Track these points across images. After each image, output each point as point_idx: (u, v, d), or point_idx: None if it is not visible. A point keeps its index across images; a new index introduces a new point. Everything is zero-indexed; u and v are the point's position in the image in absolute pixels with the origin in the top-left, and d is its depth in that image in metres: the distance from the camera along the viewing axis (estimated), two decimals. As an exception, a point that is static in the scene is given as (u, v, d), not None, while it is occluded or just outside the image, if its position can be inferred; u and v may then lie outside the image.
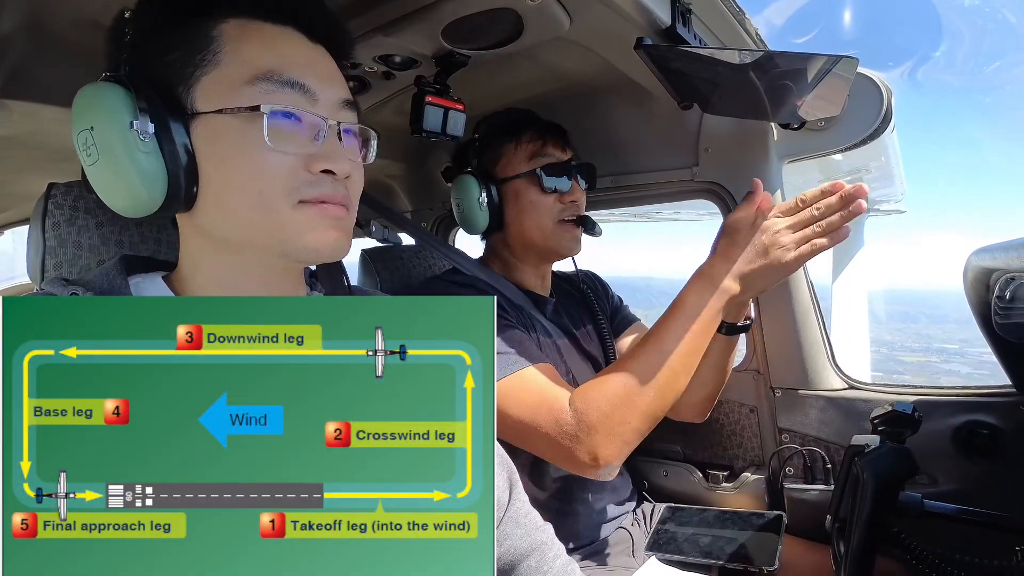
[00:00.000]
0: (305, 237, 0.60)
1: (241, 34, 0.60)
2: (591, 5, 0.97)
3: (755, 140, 1.27)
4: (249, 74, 0.58)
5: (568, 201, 1.22)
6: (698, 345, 0.96)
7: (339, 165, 0.61)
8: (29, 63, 1.02)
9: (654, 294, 40.58)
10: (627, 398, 0.92)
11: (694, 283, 0.97)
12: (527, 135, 1.23)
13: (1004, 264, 0.85)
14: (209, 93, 0.59)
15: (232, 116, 0.58)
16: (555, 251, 1.25)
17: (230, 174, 0.59)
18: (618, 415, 0.92)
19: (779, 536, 1.19)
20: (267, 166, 0.58)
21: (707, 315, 0.95)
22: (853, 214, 0.90)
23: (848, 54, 0.89)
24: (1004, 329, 0.91)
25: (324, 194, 0.61)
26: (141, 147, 0.57)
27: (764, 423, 1.37)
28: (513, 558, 0.73)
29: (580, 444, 0.92)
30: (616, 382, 0.94)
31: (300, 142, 0.60)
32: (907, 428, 0.88)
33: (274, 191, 0.59)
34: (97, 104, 0.57)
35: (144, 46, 0.61)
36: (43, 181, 0.75)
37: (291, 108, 0.59)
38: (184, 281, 0.66)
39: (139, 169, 0.57)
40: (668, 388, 0.94)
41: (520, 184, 1.21)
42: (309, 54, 0.64)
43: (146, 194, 0.58)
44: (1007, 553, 0.80)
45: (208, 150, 0.59)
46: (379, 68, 1.19)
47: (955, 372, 28.97)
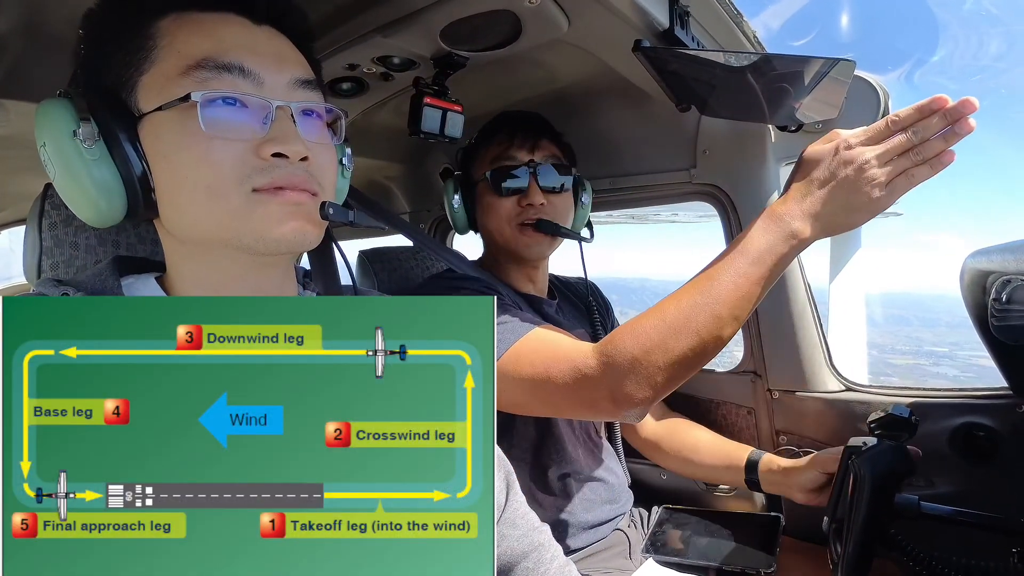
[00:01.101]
0: (262, 227, 0.58)
1: (176, 26, 0.59)
2: (589, 7, 0.98)
3: (753, 142, 1.27)
4: (184, 65, 0.57)
5: (525, 204, 1.19)
6: (752, 293, 0.82)
7: (291, 147, 0.58)
8: (26, 63, 1.02)
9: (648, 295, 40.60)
10: (661, 342, 0.82)
11: (760, 222, 0.83)
12: (498, 137, 1.22)
13: (1001, 266, 0.85)
14: (148, 92, 0.58)
15: (169, 111, 0.56)
16: (517, 255, 1.23)
17: (178, 171, 0.57)
18: (649, 359, 0.82)
19: (776, 538, 1.19)
20: (210, 156, 0.56)
21: (769, 259, 0.81)
22: (958, 136, 0.74)
23: (845, 57, 0.89)
24: (1000, 331, 0.91)
25: (278, 179, 0.58)
26: (88, 155, 0.57)
27: (761, 425, 1.38)
28: (510, 559, 0.73)
29: (601, 387, 0.85)
30: (651, 324, 0.84)
31: (245, 128, 0.57)
32: (904, 432, 0.88)
33: (222, 181, 0.56)
34: (44, 119, 0.57)
35: (91, 54, 0.61)
36: (40, 181, 0.75)
37: (229, 92, 0.57)
38: (172, 282, 0.66)
39: (92, 179, 0.57)
40: (710, 335, 0.82)
41: (481, 187, 1.23)
42: (251, 37, 0.61)
43: (105, 203, 0.58)
44: (1004, 555, 0.80)
45: (156, 150, 0.58)
46: (377, 69, 1.19)
47: (943, 375, 29.21)
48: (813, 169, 0.80)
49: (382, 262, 1.46)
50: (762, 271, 0.81)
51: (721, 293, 0.81)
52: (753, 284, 0.82)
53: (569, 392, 0.89)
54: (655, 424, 1.42)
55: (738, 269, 0.81)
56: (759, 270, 0.81)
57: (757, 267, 0.81)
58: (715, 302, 0.81)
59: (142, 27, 0.59)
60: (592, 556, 1.20)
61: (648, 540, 1.24)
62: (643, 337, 0.83)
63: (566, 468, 1.21)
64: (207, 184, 0.56)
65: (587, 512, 1.21)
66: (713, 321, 0.81)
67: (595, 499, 1.23)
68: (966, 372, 31.01)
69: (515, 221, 1.20)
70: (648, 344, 0.83)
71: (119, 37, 0.59)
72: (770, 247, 0.81)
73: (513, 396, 0.94)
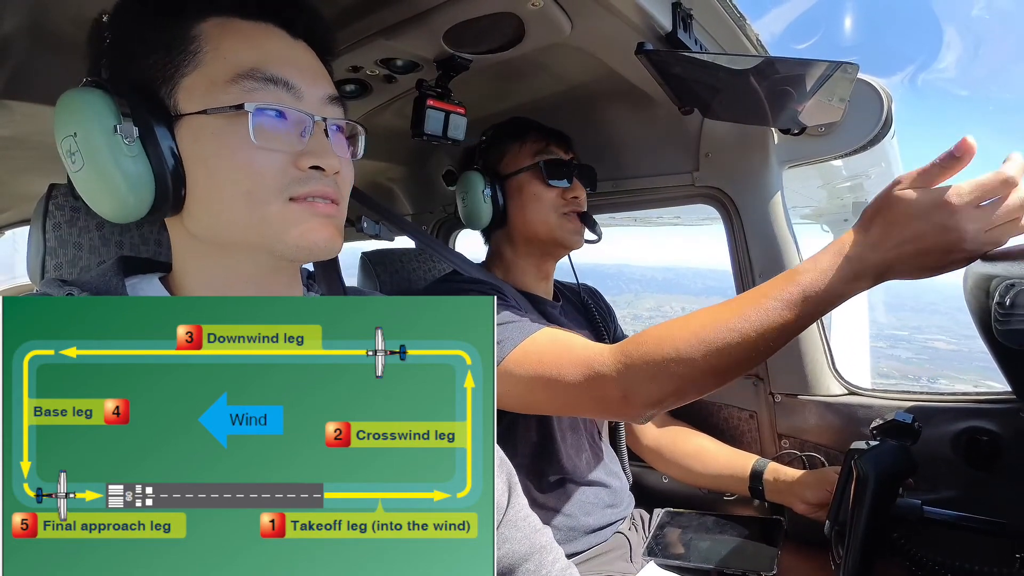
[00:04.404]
0: (296, 235, 0.60)
1: (221, 32, 0.60)
2: (592, 10, 0.98)
3: (755, 145, 1.27)
4: (231, 72, 0.58)
5: (570, 197, 1.25)
6: (788, 327, 0.76)
7: (327, 161, 0.60)
8: (30, 64, 1.02)
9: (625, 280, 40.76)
10: (686, 352, 0.79)
11: (828, 258, 0.76)
12: (532, 136, 1.27)
13: (1004, 270, 0.85)
14: (192, 94, 0.58)
15: (216, 116, 0.57)
16: (559, 242, 1.27)
17: (217, 174, 0.58)
18: (669, 367, 0.80)
19: (778, 541, 1.19)
20: (255, 164, 0.58)
21: (825, 299, 0.75)
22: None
23: (849, 60, 0.89)
24: (1004, 336, 0.91)
25: (313, 190, 0.60)
26: (127, 151, 0.57)
27: (764, 428, 1.37)
28: (512, 561, 0.73)
29: (615, 387, 0.84)
30: (680, 334, 0.81)
31: (287, 139, 0.59)
32: (907, 438, 0.88)
33: (263, 189, 0.58)
34: (80, 109, 0.57)
35: (123, 49, 0.60)
36: (44, 182, 0.75)
37: (276, 105, 0.59)
38: (178, 283, 0.66)
39: (125, 174, 0.57)
40: (733, 359, 0.78)
41: (524, 178, 1.25)
42: (291, 50, 0.63)
43: (133, 199, 0.58)
44: (1007, 560, 0.80)
45: (194, 151, 0.58)
46: (380, 71, 1.19)
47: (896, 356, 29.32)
48: (908, 221, 0.71)
49: (384, 264, 1.46)
50: (811, 309, 0.76)
51: (760, 320, 0.77)
52: (797, 319, 0.76)
53: (580, 390, 0.88)
54: (657, 431, 1.42)
55: (787, 299, 0.76)
56: (808, 308, 0.76)
57: (807, 304, 0.76)
58: (751, 328, 0.77)
59: (183, 27, 0.59)
60: (593, 559, 1.19)
61: (649, 543, 1.23)
62: (668, 344, 0.81)
63: (567, 472, 1.21)
64: (247, 190, 0.58)
65: (588, 516, 1.21)
66: (741, 344, 0.77)
67: (596, 503, 1.23)
68: (920, 355, 31.25)
69: (561, 210, 1.25)
70: (672, 352, 0.80)
71: (157, 34, 0.60)
72: (830, 287, 0.75)
73: (521, 394, 0.94)
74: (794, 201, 3.37)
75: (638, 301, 65.82)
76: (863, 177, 2.78)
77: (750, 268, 1.31)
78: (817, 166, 1.35)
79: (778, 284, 0.78)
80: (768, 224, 1.28)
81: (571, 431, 1.24)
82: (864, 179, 2.84)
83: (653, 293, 77.53)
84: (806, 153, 1.26)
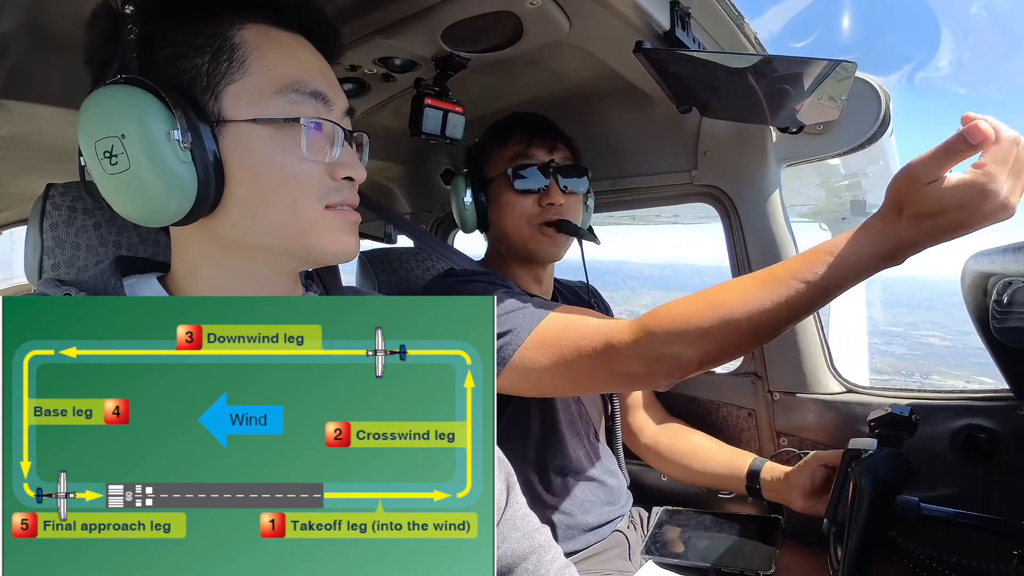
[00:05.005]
0: (330, 241, 0.64)
1: (263, 42, 0.61)
2: (591, 9, 0.98)
3: (754, 144, 1.27)
4: (278, 84, 0.60)
5: (545, 204, 1.18)
6: (811, 299, 0.75)
7: (358, 172, 0.65)
8: (28, 63, 1.02)
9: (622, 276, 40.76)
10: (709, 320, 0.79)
11: (860, 237, 0.74)
12: (515, 137, 1.21)
13: (1002, 268, 0.85)
14: (238, 101, 0.59)
15: (266, 126, 0.59)
16: (533, 255, 1.22)
17: (263, 182, 0.60)
18: (689, 338, 0.80)
19: (776, 540, 1.19)
20: (301, 175, 0.61)
21: (848, 273, 0.74)
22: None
23: (847, 58, 0.89)
24: (1002, 333, 0.91)
25: (345, 199, 0.64)
26: (181, 156, 0.56)
27: (762, 427, 1.37)
28: (511, 561, 0.73)
29: (636, 357, 0.83)
30: (699, 306, 0.80)
31: (324, 150, 0.62)
32: (904, 431, 0.88)
33: (306, 197, 0.61)
34: (129, 110, 0.55)
35: (156, 48, 0.59)
36: (41, 181, 0.75)
37: (318, 118, 0.61)
38: (180, 283, 0.66)
39: (174, 179, 0.56)
40: (755, 332, 0.78)
41: (499, 185, 1.21)
42: (320, 63, 0.66)
43: (175, 204, 0.58)
44: (1005, 557, 0.80)
45: (239, 158, 0.59)
46: (378, 70, 1.19)
47: (891, 352, 29.51)
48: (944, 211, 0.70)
49: (383, 263, 1.46)
50: (835, 281, 0.74)
51: (783, 295, 0.76)
52: (823, 296, 0.75)
53: (600, 365, 0.86)
54: (655, 430, 1.42)
55: (811, 278, 0.75)
56: (831, 280, 0.74)
57: (831, 277, 0.74)
58: (773, 303, 0.76)
59: (224, 33, 0.59)
60: (592, 557, 1.20)
61: (648, 541, 1.24)
62: (690, 317, 0.80)
63: (567, 469, 1.21)
64: (293, 199, 0.61)
65: (586, 514, 1.21)
66: (765, 321, 0.77)
67: (595, 501, 1.23)
68: (914, 351, 31.45)
69: (535, 220, 1.19)
70: (694, 324, 0.79)
71: (195, 38, 0.59)
72: (854, 264, 0.74)
73: (540, 378, 0.91)
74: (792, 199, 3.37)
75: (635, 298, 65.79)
76: (861, 175, 2.79)
77: (748, 266, 1.31)
78: (815, 164, 1.35)
79: (804, 262, 0.76)
80: (766, 222, 1.28)
81: (570, 429, 1.23)
82: (862, 177, 2.85)
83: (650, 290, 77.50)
84: (804, 151, 1.25)
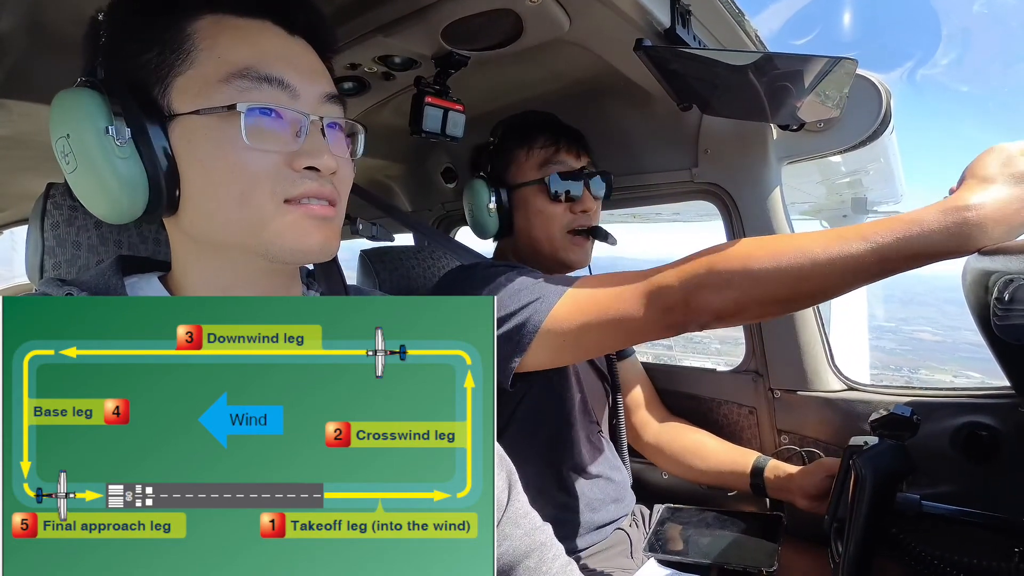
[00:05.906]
0: (290, 238, 0.59)
1: (216, 30, 0.59)
2: (591, 6, 0.98)
3: (754, 141, 1.27)
4: (225, 71, 0.57)
5: (579, 211, 1.19)
6: (868, 272, 0.73)
7: (322, 161, 0.59)
8: (28, 63, 1.02)
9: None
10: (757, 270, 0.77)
11: (937, 213, 0.71)
12: (540, 141, 1.21)
13: (1003, 266, 0.85)
14: (185, 93, 0.57)
15: (209, 116, 0.56)
16: (563, 263, 1.22)
17: (210, 175, 0.58)
18: (736, 280, 0.78)
19: (778, 537, 1.19)
20: (248, 165, 0.57)
21: (913, 252, 0.71)
22: None
23: (847, 56, 0.89)
24: (1003, 331, 0.91)
25: (309, 191, 0.59)
26: (118, 152, 0.56)
27: (763, 424, 1.37)
28: (512, 559, 0.73)
29: (676, 292, 0.81)
30: (752, 251, 0.79)
31: (281, 139, 0.58)
32: (906, 431, 0.88)
33: (257, 191, 0.57)
34: (72, 110, 0.56)
35: (118, 47, 0.59)
36: (42, 181, 0.75)
37: (270, 104, 0.58)
38: (178, 282, 0.66)
39: (118, 175, 0.57)
40: (803, 288, 0.76)
41: (529, 192, 1.19)
42: (288, 48, 0.62)
43: (127, 200, 0.58)
44: (1006, 554, 0.80)
45: (187, 152, 0.58)
46: (378, 69, 1.19)
47: (881, 348, 29.60)
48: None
49: (383, 262, 1.46)
50: (898, 263, 0.72)
51: (842, 256, 0.73)
52: (880, 267, 0.73)
53: (642, 305, 0.84)
54: (657, 428, 1.42)
55: (877, 244, 0.72)
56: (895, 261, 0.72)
57: (895, 255, 0.71)
58: (830, 261, 0.73)
59: (177, 25, 0.58)
60: (594, 555, 1.20)
61: (650, 539, 1.24)
62: (741, 259, 0.79)
63: (578, 467, 1.21)
64: (241, 191, 0.57)
65: (594, 512, 1.21)
66: (817, 278, 0.75)
67: (603, 498, 1.23)
68: (903, 346, 31.57)
69: (568, 228, 1.19)
70: (742, 267, 0.78)
71: (151, 32, 0.59)
72: (925, 240, 0.71)
73: (577, 334, 0.88)
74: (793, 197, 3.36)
75: (636, 297, 65.56)
76: (862, 173, 2.79)
77: (749, 264, 1.30)
78: (816, 162, 1.35)
79: (877, 223, 0.74)
80: (767, 220, 1.27)
81: (578, 425, 1.22)
82: (863, 175, 2.85)
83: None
84: (805, 149, 1.25)
